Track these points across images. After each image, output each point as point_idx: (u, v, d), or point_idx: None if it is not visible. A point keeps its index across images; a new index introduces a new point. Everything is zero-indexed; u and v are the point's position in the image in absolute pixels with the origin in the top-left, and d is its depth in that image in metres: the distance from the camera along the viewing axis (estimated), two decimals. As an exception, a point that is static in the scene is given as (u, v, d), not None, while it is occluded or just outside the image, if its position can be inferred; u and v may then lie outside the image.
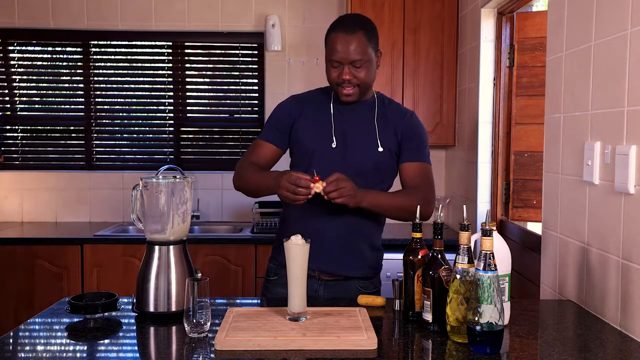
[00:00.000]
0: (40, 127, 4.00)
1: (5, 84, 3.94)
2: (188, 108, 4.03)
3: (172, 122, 4.00)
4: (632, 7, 1.61)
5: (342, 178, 1.77)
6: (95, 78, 3.97)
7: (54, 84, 4.00)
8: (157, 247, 1.70)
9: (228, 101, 4.02)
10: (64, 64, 3.99)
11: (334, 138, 1.98)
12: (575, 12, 1.95)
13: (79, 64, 3.97)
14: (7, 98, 3.95)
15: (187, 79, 4.01)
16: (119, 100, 4.01)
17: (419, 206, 1.66)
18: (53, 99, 4.00)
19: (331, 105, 2.03)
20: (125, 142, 4.06)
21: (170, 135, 4.00)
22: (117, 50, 3.98)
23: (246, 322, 1.56)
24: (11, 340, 1.53)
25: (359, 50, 1.89)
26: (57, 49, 3.97)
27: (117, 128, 4.03)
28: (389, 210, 1.95)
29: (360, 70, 1.91)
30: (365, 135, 2.00)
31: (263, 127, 2.09)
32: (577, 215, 1.91)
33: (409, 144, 2.02)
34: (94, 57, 3.97)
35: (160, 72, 3.99)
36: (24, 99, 3.98)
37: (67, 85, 4.02)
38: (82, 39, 3.93)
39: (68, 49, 3.97)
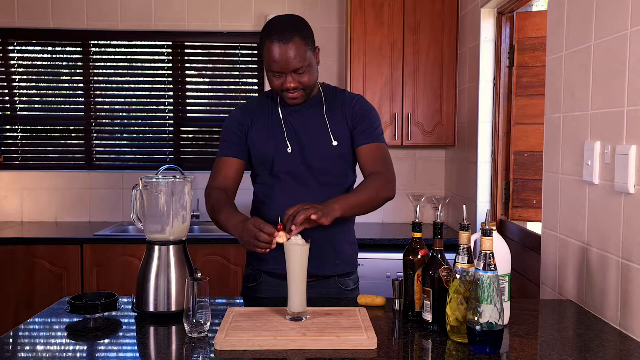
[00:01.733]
0: (40, 127, 4.00)
1: (5, 84, 3.94)
2: (188, 108, 4.03)
3: (172, 122, 4.00)
4: (632, 7, 1.61)
5: (301, 209, 1.68)
6: (95, 78, 3.97)
7: (54, 84, 4.00)
8: (157, 247, 1.70)
9: (228, 101, 4.02)
10: (64, 64, 3.99)
11: (289, 143, 1.96)
12: (575, 12, 1.95)
13: (79, 64, 3.97)
14: (7, 98, 3.95)
15: (187, 79, 4.01)
16: (119, 100, 4.01)
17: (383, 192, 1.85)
18: (53, 99, 4.00)
19: (279, 110, 2.00)
20: (125, 142, 4.06)
21: (170, 135, 4.00)
22: (117, 50, 3.98)
23: (246, 322, 1.56)
24: (11, 340, 1.53)
25: (299, 58, 1.84)
26: (57, 49, 3.97)
27: (117, 128, 4.03)
28: (362, 208, 1.90)
29: (303, 76, 1.87)
30: (317, 133, 1.97)
31: (219, 145, 2.04)
32: (577, 215, 1.91)
33: (361, 127, 1.98)
34: (94, 57, 3.97)
35: (160, 72, 3.99)
36: (24, 99, 3.98)
37: (67, 85, 4.02)
38: (82, 39, 3.93)
39: (68, 49, 3.97)
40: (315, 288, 2.00)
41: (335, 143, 1.97)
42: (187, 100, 4.03)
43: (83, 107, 3.98)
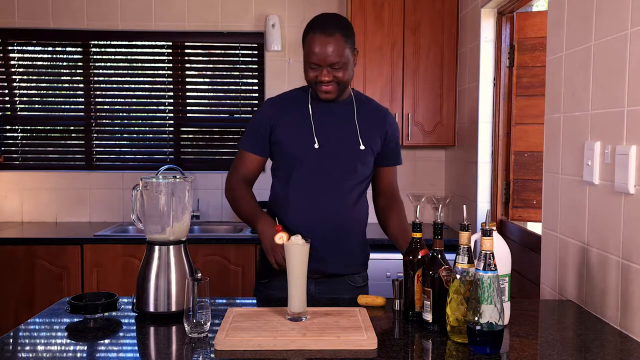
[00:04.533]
0: (40, 127, 4.00)
1: (5, 84, 3.94)
2: (188, 108, 4.03)
3: (172, 122, 4.00)
4: (632, 7, 1.61)
5: None
6: (95, 78, 3.97)
7: (54, 84, 4.00)
8: (157, 247, 1.70)
9: (228, 101, 4.02)
10: (64, 64, 3.99)
11: (316, 139, 1.99)
12: (575, 12, 1.95)
13: (79, 64, 3.97)
14: (7, 98, 3.95)
15: (187, 79, 4.01)
16: (119, 100, 4.01)
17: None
18: (53, 99, 4.00)
19: (309, 105, 2.04)
20: (125, 142, 4.06)
21: (170, 135, 4.00)
22: (117, 50, 3.98)
23: (246, 322, 1.56)
24: (11, 340, 1.53)
25: (337, 53, 1.90)
26: (57, 49, 3.97)
27: (117, 128, 4.03)
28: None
29: (338, 71, 1.93)
30: (346, 134, 2.02)
31: (245, 133, 2.11)
32: (577, 215, 1.91)
33: (389, 147, 2.09)
34: (94, 57, 3.97)
35: (160, 72, 3.99)
36: (24, 99, 3.97)
37: (67, 85, 4.01)
38: (82, 39, 3.93)
39: (68, 49, 3.97)
40: (325, 284, 2.04)
41: (362, 147, 2.01)
42: (187, 100, 4.03)
43: (83, 107, 3.98)
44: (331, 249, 2.00)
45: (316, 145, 1.98)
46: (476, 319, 1.38)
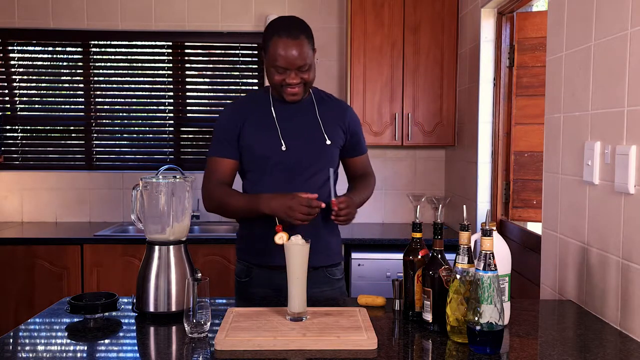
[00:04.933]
0: (40, 127, 4.00)
1: (5, 84, 3.94)
2: (188, 108, 4.03)
3: (172, 122, 4.00)
4: (632, 7, 1.61)
5: (351, 205, 1.93)
6: (95, 78, 3.97)
7: (54, 84, 4.00)
8: (157, 247, 1.70)
9: (228, 101, 4.02)
10: (64, 64, 3.99)
11: (283, 141, 2.01)
12: (575, 12, 1.95)
13: (79, 64, 3.97)
14: (7, 98, 3.95)
15: (187, 79, 4.01)
16: (119, 100, 4.01)
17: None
18: (53, 99, 4.00)
19: (272, 107, 2.05)
20: (125, 142, 4.06)
21: (170, 135, 4.00)
22: (117, 50, 3.98)
23: (246, 322, 1.56)
24: (11, 340, 1.53)
25: (304, 55, 1.92)
26: (57, 49, 3.97)
27: (117, 128, 4.03)
28: (361, 204, 2.11)
29: (305, 73, 1.95)
30: (312, 132, 2.05)
31: (212, 143, 2.10)
32: (577, 215, 1.91)
33: (354, 139, 2.15)
34: (94, 57, 3.97)
35: (160, 72, 3.99)
36: (24, 99, 3.98)
37: (67, 85, 4.01)
38: (82, 39, 3.93)
39: (68, 49, 3.97)
40: None
41: (328, 142, 2.05)
42: (187, 100, 4.03)
43: (83, 107, 3.98)
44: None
45: (283, 148, 2.00)
46: (476, 319, 1.38)
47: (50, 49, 3.97)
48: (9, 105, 3.95)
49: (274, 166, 2.01)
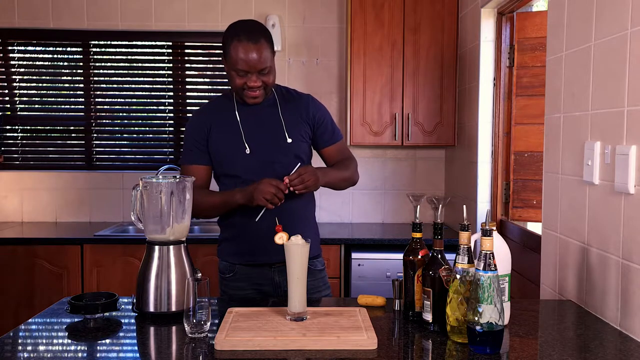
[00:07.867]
0: (40, 127, 4.00)
1: (5, 84, 3.94)
2: (188, 108, 4.03)
3: (172, 122, 4.00)
4: (632, 7, 1.61)
5: (304, 172, 1.93)
6: (95, 78, 3.97)
7: (54, 84, 4.00)
8: (157, 247, 1.70)
9: (228, 101, 4.02)
10: (64, 64, 3.99)
11: (246, 144, 2.04)
12: (575, 12, 1.95)
13: (79, 64, 3.97)
14: (7, 98, 3.95)
15: (187, 79, 4.01)
16: (119, 100, 4.01)
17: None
18: (53, 99, 4.00)
19: (236, 112, 2.08)
20: (125, 142, 4.06)
21: (170, 135, 4.00)
22: (117, 50, 3.98)
23: (246, 322, 1.56)
24: (11, 340, 1.53)
25: (265, 58, 1.94)
26: (57, 49, 3.97)
27: (117, 128, 4.03)
28: (336, 184, 2.14)
29: (266, 76, 1.98)
30: (273, 132, 2.07)
31: (183, 152, 2.13)
32: (577, 215, 1.91)
33: (322, 129, 2.15)
34: (94, 57, 3.97)
35: (160, 72, 3.99)
36: (24, 99, 3.97)
37: (67, 85, 4.01)
38: (82, 39, 3.93)
39: (68, 49, 3.97)
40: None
41: (289, 140, 2.07)
42: (187, 101, 4.03)
43: (83, 107, 3.98)
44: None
45: (247, 151, 2.04)
46: (476, 319, 1.38)
47: (51, 49, 3.96)
48: (9, 105, 3.95)
49: (240, 171, 2.05)
